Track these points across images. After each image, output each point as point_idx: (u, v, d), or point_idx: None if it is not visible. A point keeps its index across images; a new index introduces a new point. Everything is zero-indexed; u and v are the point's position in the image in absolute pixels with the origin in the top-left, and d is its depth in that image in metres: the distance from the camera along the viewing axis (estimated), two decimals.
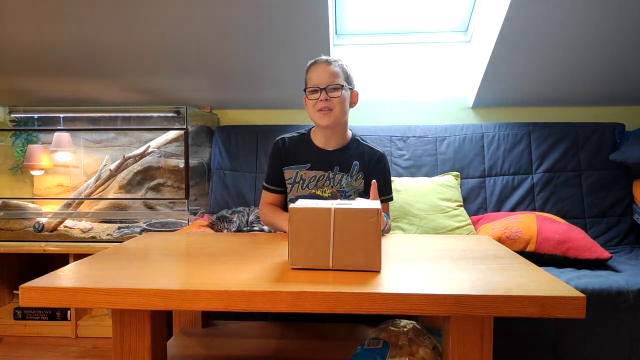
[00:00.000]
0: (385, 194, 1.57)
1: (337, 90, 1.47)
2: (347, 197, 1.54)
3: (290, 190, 1.57)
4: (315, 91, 1.47)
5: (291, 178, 1.57)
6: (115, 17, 1.93)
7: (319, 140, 1.57)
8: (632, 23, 1.90)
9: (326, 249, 1.02)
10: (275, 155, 1.60)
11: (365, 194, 1.55)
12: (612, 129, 2.22)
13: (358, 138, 1.61)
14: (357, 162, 1.55)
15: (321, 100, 1.46)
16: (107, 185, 2.45)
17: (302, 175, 1.55)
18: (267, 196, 1.62)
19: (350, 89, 1.53)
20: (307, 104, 1.53)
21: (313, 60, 1.52)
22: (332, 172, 1.54)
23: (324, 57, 1.51)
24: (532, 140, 2.22)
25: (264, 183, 1.63)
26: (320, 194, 1.55)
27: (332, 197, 1.54)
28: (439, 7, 2.32)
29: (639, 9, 1.84)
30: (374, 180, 1.37)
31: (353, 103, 1.55)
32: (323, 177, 1.54)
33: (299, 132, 1.63)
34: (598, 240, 1.96)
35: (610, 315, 1.47)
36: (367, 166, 1.56)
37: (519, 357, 1.50)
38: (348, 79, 1.52)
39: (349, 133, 1.60)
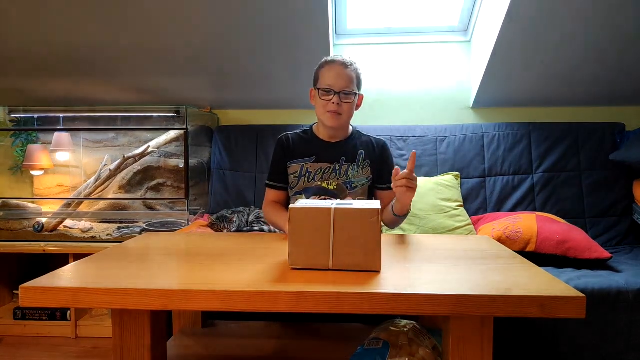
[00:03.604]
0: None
1: (350, 97, 1.51)
2: (354, 189, 1.56)
3: (297, 184, 1.58)
4: (328, 92, 1.50)
5: (297, 172, 1.58)
6: (115, 17, 1.93)
7: (323, 134, 1.61)
8: (631, 23, 1.90)
9: (326, 249, 1.02)
10: (280, 152, 1.62)
11: (375, 183, 1.59)
12: (612, 129, 2.22)
13: (359, 130, 1.66)
14: (362, 151, 1.59)
15: (333, 103, 1.49)
16: (107, 185, 2.45)
17: (307, 168, 1.57)
18: (270, 194, 1.63)
19: (358, 93, 1.57)
20: (315, 100, 1.55)
21: (330, 59, 1.54)
22: (339, 163, 1.57)
23: (341, 59, 1.53)
24: (532, 140, 2.22)
25: (267, 181, 1.64)
26: (327, 186, 1.56)
27: (338, 189, 1.55)
28: (439, 7, 2.32)
29: (639, 9, 1.84)
30: (413, 151, 1.36)
31: (358, 106, 1.59)
32: (329, 170, 1.56)
33: (302, 130, 1.66)
34: (598, 240, 1.96)
35: (610, 315, 1.47)
36: (373, 154, 1.60)
37: (519, 356, 1.50)
38: (359, 84, 1.56)
39: (350, 127, 1.64)
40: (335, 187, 1.56)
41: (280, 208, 1.60)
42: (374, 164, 1.59)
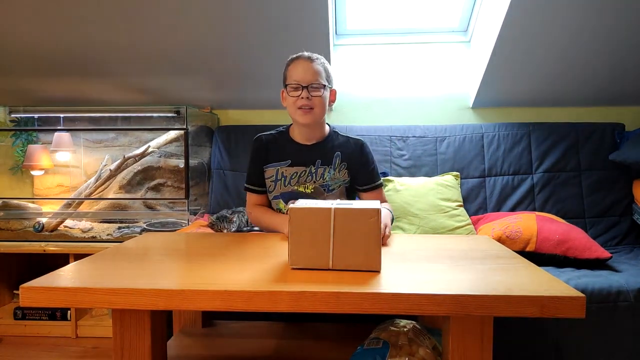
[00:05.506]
0: (374, 180, 1.60)
1: (319, 90, 1.48)
2: (331, 192, 1.55)
3: (274, 189, 1.57)
4: (296, 88, 1.47)
5: (272, 176, 1.57)
6: (115, 17, 1.93)
7: (298, 136, 1.58)
8: (631, 23, 1.90)
9: (326, 249, 1.02)
10: (256, 155, 1.60)
11: (355, 185, 1.59)
12: (612, 129, 2.22)
13: (336, 130, 1.62)
14: (339, 153, 1.56)
15: (302, 97, 1.46)
16: (107, 185, 2.45)
17: (283, 172, 1.56)
18: (252, 197, 1.62)
19: (329, 87, 1.54)
20: (286, 100, 1.52)
21: (295, 56, 1.52)
22: (314, 166, 1.55)
23: (306, 54, 1.51)
24: (532, 140, 2.22)
25: (246, 184, 1.62)
26: (303, 189, 1.55)
27: (315, 192, 1.54)
28: (439, 7, 2.32)
29: (638, 9, 1.84)
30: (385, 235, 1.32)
31: (332, 101, 1.57)
32: (305, 173, 1.55)
33: (277, 130, 1.63)
34: (598, 240, 1.96)
35: (610, 315, 1.47)
36: (350, 156, 1.57)
37: (520, 357, 1.50)
38: (329, 77, 1.53)
39: (327, 127, 1.61)
40: (312, 190, 1.54)
41: (266, 209, 1.60)
42: (351, 165, 1.57)
